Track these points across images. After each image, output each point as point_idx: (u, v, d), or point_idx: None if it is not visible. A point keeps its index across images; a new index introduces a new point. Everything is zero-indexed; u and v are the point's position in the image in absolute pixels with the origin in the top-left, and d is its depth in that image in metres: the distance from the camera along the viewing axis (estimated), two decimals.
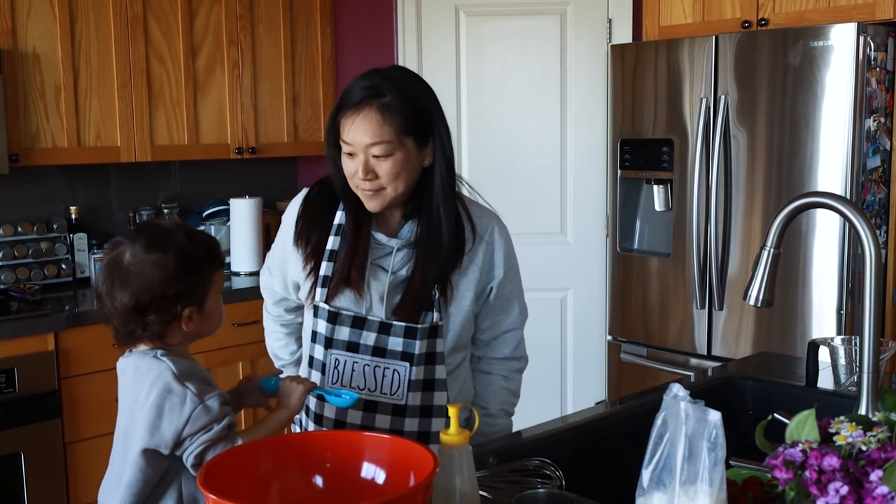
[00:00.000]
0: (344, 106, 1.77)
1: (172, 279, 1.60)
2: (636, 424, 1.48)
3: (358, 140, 1.75)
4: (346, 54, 4.21)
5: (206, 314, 1.68)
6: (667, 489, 1.16)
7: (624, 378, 3.52)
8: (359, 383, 1.84)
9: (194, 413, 1.56)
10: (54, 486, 3.15)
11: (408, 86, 1.80)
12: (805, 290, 2.95)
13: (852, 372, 2.02)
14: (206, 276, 1.66)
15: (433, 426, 1.86)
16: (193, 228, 1.74)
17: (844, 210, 1.60)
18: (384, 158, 1.76)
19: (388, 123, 1.74)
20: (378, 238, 1.87)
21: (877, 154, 2.92)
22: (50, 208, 3.75)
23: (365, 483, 1.44)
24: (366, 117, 1.74)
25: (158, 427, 1.57)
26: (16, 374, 3.03)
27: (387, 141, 1.75)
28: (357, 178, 1.78)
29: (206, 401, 1.58)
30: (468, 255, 1.88)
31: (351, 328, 1.84)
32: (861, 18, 2.92)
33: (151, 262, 1.60)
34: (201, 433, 1.57)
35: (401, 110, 1.75)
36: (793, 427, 1.32)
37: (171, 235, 1.64)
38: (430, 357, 1.85)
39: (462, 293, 1.89)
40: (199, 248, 1.66)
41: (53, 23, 3.37)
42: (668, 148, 3.27)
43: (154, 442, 1.58)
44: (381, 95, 1.75)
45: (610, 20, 3.79)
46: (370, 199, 1.80)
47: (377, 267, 1.86)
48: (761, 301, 1.68)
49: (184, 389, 1.57)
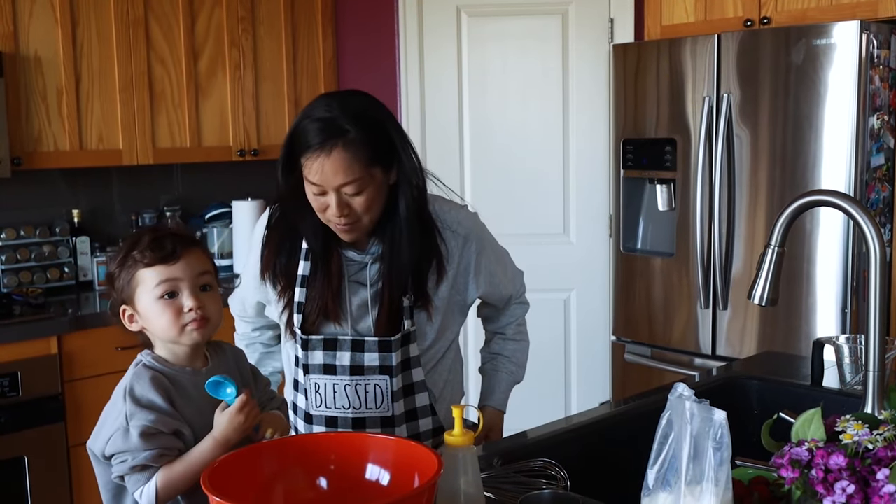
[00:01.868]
0: (306, 147, 1.69)
1: (110, 273, 1.60)
2: (641, 424, 1.48)
3: (328, 182, 1.69)
4: (348, 55, 4.21)
5: (144, 316, 1.57)
6: (672, 489, 1.16)
7: (628, 378, 3.51)
8: (343, 404, 1.82)
9: (114, 435, 1.51)
10: (58, 489, 3.15)
11: (365, 115, 1.73)
12: (809, 289, 2.95)
13: (858, 371, 2.01)
14: (131, 271, 1.56)
15: (421, 427, 1.87)
16: (167, 226, 1.69)
17: (849, 208, 1.59)
18: (357, 195, 1.71)
19: (356, 160, 1.68)
20: (349, 256, 1.84)
21: (880, 152, 2.91)
22: (52, 211, 3.75)
23: (369, 484, 1.43)
24: (333, 158, 1.67)
25: (98, 433, 1.55)
26: (19, 378, 3.03)
27: (358, 178, 1.70)
28: (330, 213, 1.73)
29: (130, 426, 1.49)
30: (448, 260, 1.86)
31: (324, 351, 1.82)
32: (864, 16, 2.91)
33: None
34: (116, 459, 1.51)
35: (365, 143, 1.69)
36: (798, 426, 1.32)
37: (140, 233, 1.61)
38: (406, 364, 1.84)
39: (441, 294, 1.88)
40: (130, 240, 1.60)
41: (55, 26, 3.37)
42: (670, 147, 3.26)
43: (92, 444, 1.57)
44: (344, 132, 1.68)
45: (612, 20, 3.79)
46: (346, 232, 1.77)
47: (355, 283, 1.84)
48: (766, 300, 1.68)
49: (123, 405, 1.51)
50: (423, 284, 1.83)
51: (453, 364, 2.00)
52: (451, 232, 1.88)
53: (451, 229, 1.88)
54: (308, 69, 4.13)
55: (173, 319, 1.54)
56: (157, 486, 1.49)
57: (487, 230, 1.98)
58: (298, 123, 1.73)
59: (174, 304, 1.55)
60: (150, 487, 1.50)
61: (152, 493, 1.49)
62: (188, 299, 1.55)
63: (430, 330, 1.88)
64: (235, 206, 3.93)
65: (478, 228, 1.94)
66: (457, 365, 2.02)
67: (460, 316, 1.97)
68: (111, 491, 1.60)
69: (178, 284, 1.55)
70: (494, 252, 1.99)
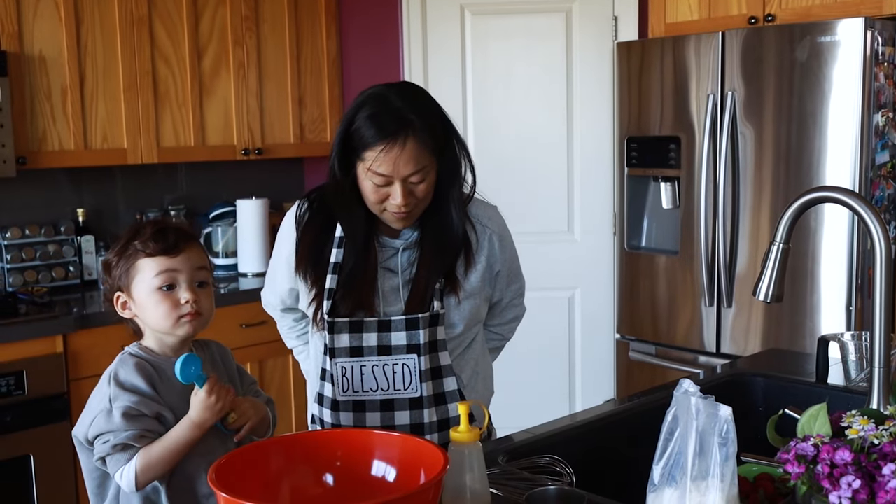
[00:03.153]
0: (374, 140, 1.74)
1: (107, 261, 1.63)
2: (646, 421, 1.48)
3: (398, 172, 1.75)
4: (352, 54, 4.21)
5: (139, 305, 1.61)
6: (678, 485, 1.16)
7: (633, 376, 3.51)
8: (370, 386, 1.83)
9: (97, 416, 1.55)
10: (64, 488, 3.16)
11: (424, 105, 1.80)
12: (814, 286, 2.94)
13: (863, 367, 2.01)
14: (131, 259, 1.60)
15: (450, 412, 1.87)
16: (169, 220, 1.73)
17: (854, 205, 1.59)
18: (420, 182, 1.78)
19: (425, 149, 1.76)
20: (383, 241, 1.88)
21: (885, 149, 2.91)
22: (57, 211, 3.76)
23: (375, 481, 1.44)
24: (407, 149, 1.73)
25: (83, 418, 1.59)
26: (24, 377, 3.04)
27: (425, 166, 1.77)
28: (391, 203, 1.77)
29: (113, 407, 1.54)
30: (477, 250, 1.91)
31: (350, 333, 1.83)
32: (868, 13, 2.91)
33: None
34: (98, 441, 1.55)
35: (429, 133, 1.76)
36: (804, 421, 1.32)
37: (141, 225, 1.65)
38: (433, 345, 1.86)
39: (472, 283, 1.91)
40: (131, 230, 1.64)
41: (59, 25, 3.38)
42: (675, 145, 3.26)
43: (77, 430, 1.60)
44: (412, 123, 1.74)
45: (616, 17, 3.78)
46: (402, 219, 1.82)
47: (385, 270, 1.87)
48: (771, 297, 1.68)
49: (107, 389, 1.57)
50: (454, 270, 1.88)
51: (481, 357, 2.02)
52: (482, 226, 1.93)
53: (481, 223, 1.93)
54: (312, 68, 4.13)
55: (169, 311, 1.59)
56: (136, 467, 1.52)
57: (512, 239, 2.03)
58: (355, 116, 1.77)
59: (171, 297, 1.59)
60: (130, 468, 1.52)
61: (132, 474, 1.52)
62: (185, 292, 1.59)
63: (457, 317, 1.89)
64: (240, 204, 3.94)
65: (506, 231, 2.00)
66: (484, 359, 2.04)
67: (486, 307, 2.00)
68: (95, 479, 1.64)
69: (177, 277, 1.59)
70: (513, 263, 2.05)
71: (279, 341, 2.24)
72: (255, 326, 3.52)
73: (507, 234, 2.01)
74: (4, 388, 3.00)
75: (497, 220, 1.98)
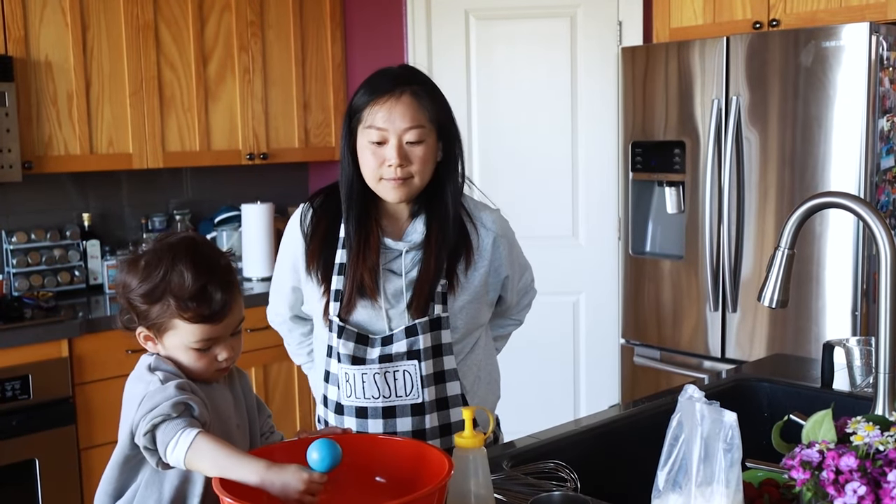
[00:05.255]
0: (376, 92, 1.80)
1: (136, 292, 1.48)
2: (650, 426, 1.48)
3: (395, 125, 1.78)
4: (357, 59, 4.22)
5: (168, 350, 1.50)
6: (682, 490, 1.16)
7: (637, 381, 3.50)
8: (372, 393, 1.83)
9: (147, 395, 1.41)
10: (69, 492, 3.16)
11: (430, 81, 1.87)
12: (819, 292, 2.94)
13: (868, 373, 2.01)
14: (167, 314, 1.46)
15: (452, 417, 1.87)
16: (209, 259, 1.50)
17: (859, 210, 1.59)
18: (417, 144, 1.80)
19: (423, 109, 1.80)
20: (386, 243, 1.88)
21: (891, 154, 2.90)
22: (63, 215, 3.77)
23: (380, 486, 1.44)
24: (403, 101, 1.78)
25: (126, 416, 1.45)
26: (30, 381, 3.04)
27: (421, 126, 1.79)
28: (386, 165, 1.79)
29: (165, 384, 1.42)
30: (477, 250, 1.91)
31: (356, 344, 1.84)
32: (873, 18, 2.91)
33: (133, 262, 1.50)
34: (152, 413, 1.38)
35: (430, 98, 1.82)
36: (809, 427, 1.32)
37: (176, 257, 1.46)
38: (437, 349, 1.85)
39: (472, 283, 1.91)
40: (165, 267, 1.46)
41: (65, 31, 3.39)
42: (679, 150, 3.26)
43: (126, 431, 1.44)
44: (414, 83, 1.81)
45: (620, 22, 3.79)
46: (397, 188, 1.81)
47: (388, 271, 1.87)
48: (776, 302, 1.67)
49: (150, 376, 1.45)
50: (455, 270, 1.88)
51: (485, 361, 2.01)
52: (485, 229, 1.93)
53: (484, 226, 1.93)
54: (317, 73, 4.14)
55: (205, 367, 1.50)
56: (192, 441, 1.34)
57: (516, 238, 2.03)
58: (361, 85, 1.84)
59: (208, 355, 1.49)
60: (187, 438, 1.35)
61: (186, 447, 1.34)
62: (223, 352, 1.50)
63: (459, 321, 1.89)
64: (245, 209, 3.94)
65: (510, 232, 2.01)
66: (489, 363, 2.03)
67: (488, 310, 2.00)
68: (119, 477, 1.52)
69: (217, 340, 1.50)
70: (519, 260, 2.05)
71: (284, 346, 2.24)
72: (260, 331, 3.51)
73: (511, 234, 2.01)
74: (10, 392, 3.00)
75: (500, 222, 1.98)
